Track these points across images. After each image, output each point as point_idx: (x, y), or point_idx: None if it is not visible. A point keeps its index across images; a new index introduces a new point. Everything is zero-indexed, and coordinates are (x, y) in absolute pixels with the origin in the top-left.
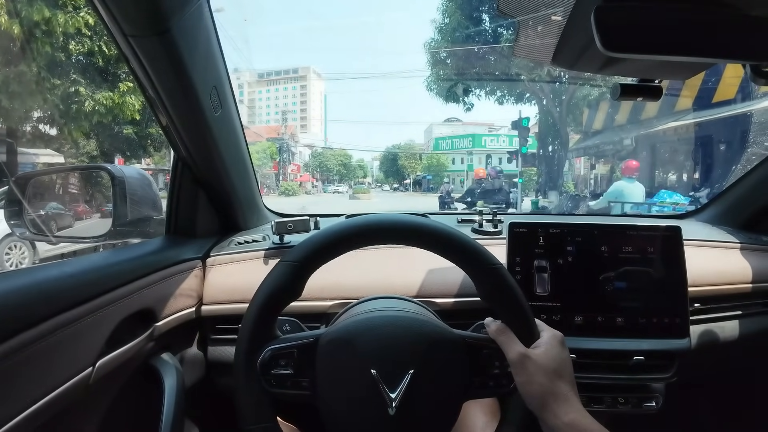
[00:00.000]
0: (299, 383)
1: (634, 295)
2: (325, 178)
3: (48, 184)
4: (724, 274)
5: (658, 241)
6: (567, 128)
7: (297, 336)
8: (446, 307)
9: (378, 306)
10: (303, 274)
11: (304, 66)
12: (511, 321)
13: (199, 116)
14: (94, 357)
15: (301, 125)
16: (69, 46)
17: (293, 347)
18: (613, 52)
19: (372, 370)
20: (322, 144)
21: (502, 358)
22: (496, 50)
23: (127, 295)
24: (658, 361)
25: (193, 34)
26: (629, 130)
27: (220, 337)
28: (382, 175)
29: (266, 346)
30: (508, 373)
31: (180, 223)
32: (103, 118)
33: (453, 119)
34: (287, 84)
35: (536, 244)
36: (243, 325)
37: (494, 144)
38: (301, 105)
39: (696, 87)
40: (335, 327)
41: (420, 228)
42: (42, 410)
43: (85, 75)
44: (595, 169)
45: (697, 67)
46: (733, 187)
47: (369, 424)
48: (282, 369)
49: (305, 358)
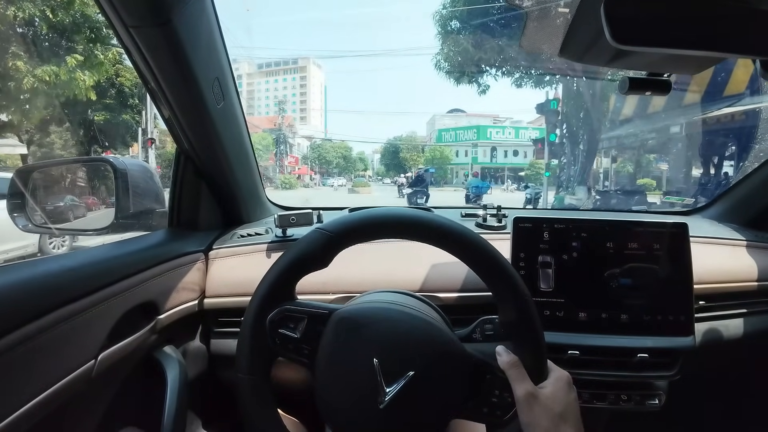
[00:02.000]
0: (301, 349)
1: (639, 292)
2: (324, 170)
3: (59, 178)
4: (729, 271)
5: (664, 238)
6: (602, 111)
7: (312, 304)
8: (449, 302)
9: (397, 299)
10: (335, 247)
11: (304, 57)
12: (524, 354)
13: (201, 108)
14: (97, 350)
15: (300, 117)
16: (6, 12)
17: (305, 314)
18: (623, 45)
19: (375, 359)
20: (322, 136)
21: (502, 389)
22: (517, 18)
23: (129, 288)
24: (662, 358)
25: (195, 25)
26: (665, 118)
27: (223, 330)
28: (383, 168)
29: (282, 304)
30: (504, 405)
31: (183, 216)
32: (51, 98)
33: (456, 110)
34: (286, 75)
35: (541, 240)
36: (265, 278)
37: (500, 136)
38: (301, 96)
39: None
40: (350, 307)
41: (461, 238)
42: (44, 403)
43: (26, 47)
44: (615, 162)
45: (707, 62)
46: (740, 183)
47: (356, 410)
48: (289, 331)
49: (314, 327)
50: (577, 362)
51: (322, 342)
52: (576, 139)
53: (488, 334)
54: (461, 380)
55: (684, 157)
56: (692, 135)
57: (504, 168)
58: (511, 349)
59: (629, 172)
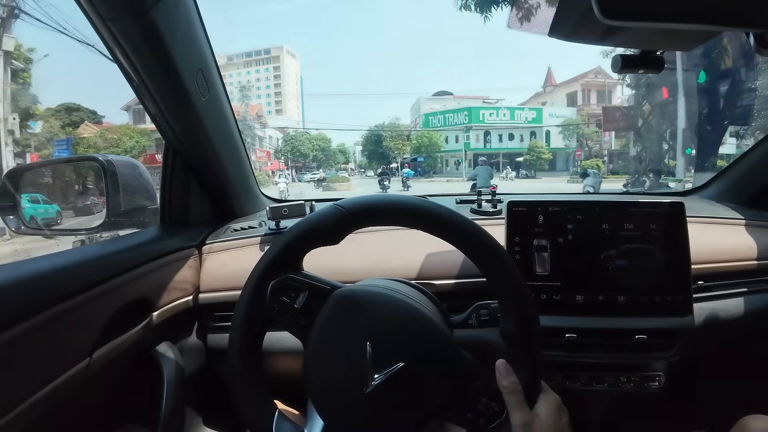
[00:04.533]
0: (298, 320)
1: (636, 274)
2: (302, 164)
3: (72, 181)
4: (728, 251)
5: (661, 218)
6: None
7: (315, 278)
8: (445, 289)
9: (398, 288)
10: (347, 225)
11: (277, 46)
12: (521, 370)
13: (186, 101)
14: (90, 348)
15: (276, 110)
16: None
17: (307, 286)
18: (612, 20)
19: (368, 342)
20: (297, 126)
21: (490, 397)
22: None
23: (122, 285)
24: (661, 339)
25: (174, 16)
26: None
27: (219, 325)
28: (365, 160)
29: (286, 272)
30: (489, 414)
31: (174, 211)
32: None
33: (443, 93)
34: (259, 66)
35: (536, 223)
36: (274, 244)
37: (493, 118)
38: (276, 88)
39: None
40: (352, 287)
41: (481, 240)
42: (39, 402)
43: None
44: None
45: (700, 36)
46: (737, 162)
47: (341, 390)
48: (289, 300)
49: (314, 301)
50: (574, 345)
51: (319, 317)
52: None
53: (483, 319)
54: (449, 382)
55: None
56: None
57: (499, 154)
58: (508, 361)
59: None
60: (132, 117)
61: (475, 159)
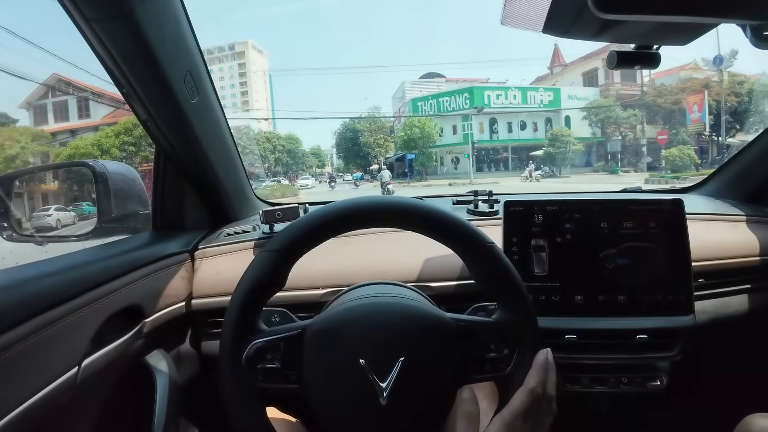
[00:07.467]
0: (287, 377)
1: (636, 272)
2: (266, 169)
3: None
4: (728, 247)
5: (660, 216)
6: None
7: (282, 328)
8: (442, 292)
9: (367, 293)
10: (286, 263)
11: (241, 41)
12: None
13: (175, 104)
14: (80, 356)
15: (243, 111)
16: None
17: (279, 340)
18: (607, 14)
19: (360, 359)
20: (267, 129)
21: (498, 342)
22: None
23: (112, 292)
24: (662, 339)
25: (160, 16)
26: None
27: (213, 331)
28: (341, 162)
29: (251, 339)
30: (504, 357)
31: (166, 217)
32: None
33: (433, 75)
34: (222, 63)
35: (533, 223)
36: (226, 321)
37: (501, 101)
38: (241, 87)
39: None
40: (321, 317)
41: (423, 214)
42: (26, 413)
43: None
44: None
45: (697, 30)
46: (735, 158)
47: (361, 416)
48: (269, 363)
49: (292, 350)
50: (575, 346)
51: (305, 361)
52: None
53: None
54: (453, 346)
55: None
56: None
57: (507, 147)
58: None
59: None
60: (32, 117)
61: (479, 154)
